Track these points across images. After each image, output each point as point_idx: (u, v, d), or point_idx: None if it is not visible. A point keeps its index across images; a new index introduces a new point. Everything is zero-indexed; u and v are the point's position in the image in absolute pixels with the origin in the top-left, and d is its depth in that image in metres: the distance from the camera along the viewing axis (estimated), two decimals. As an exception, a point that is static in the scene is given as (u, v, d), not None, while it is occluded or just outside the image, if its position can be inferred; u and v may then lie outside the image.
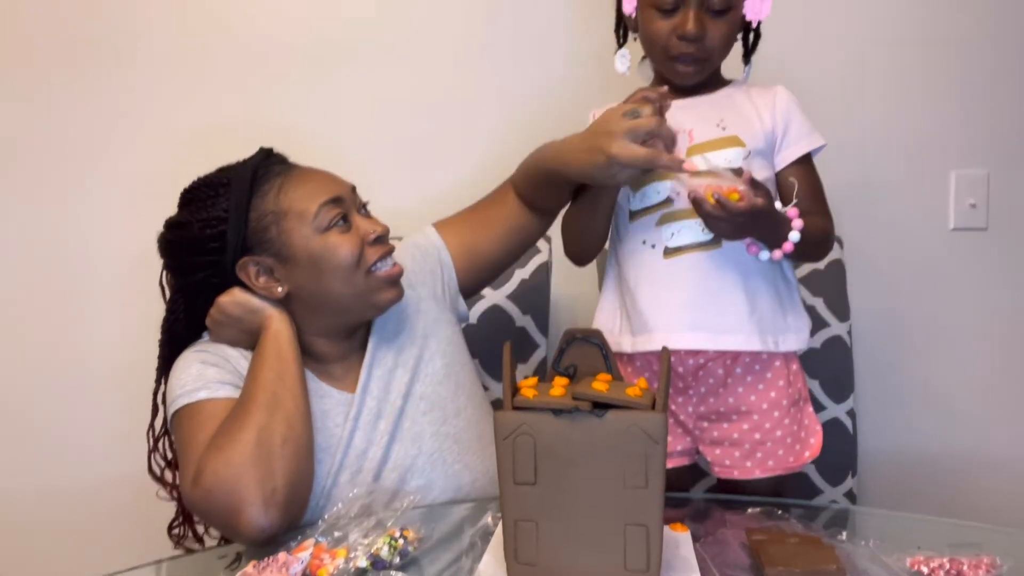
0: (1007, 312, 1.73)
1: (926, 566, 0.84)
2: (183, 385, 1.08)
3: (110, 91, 1.73)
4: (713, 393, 1.18)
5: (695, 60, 1.14)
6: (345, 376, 1.17)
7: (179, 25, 1.73)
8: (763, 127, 1.15)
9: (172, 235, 1.14)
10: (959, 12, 1.70)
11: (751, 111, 1.16)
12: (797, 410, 1.19)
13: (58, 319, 1.76)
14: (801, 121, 1.17)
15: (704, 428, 1.21)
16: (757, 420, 1.17)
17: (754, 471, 1.17)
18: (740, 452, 1.18)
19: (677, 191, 1.14)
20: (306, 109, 1.73)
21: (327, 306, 1.13)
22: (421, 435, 1.15)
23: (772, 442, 1.17)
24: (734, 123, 1.15)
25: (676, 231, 1.14)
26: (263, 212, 1.10)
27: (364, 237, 1.12)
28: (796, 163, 1.16)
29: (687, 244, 1.14)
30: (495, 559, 0.85)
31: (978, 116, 1.71)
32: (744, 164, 1.12)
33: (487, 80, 1.74)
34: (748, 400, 1.17)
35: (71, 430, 1.77)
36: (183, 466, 1.05)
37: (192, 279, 1.13)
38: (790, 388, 1.17)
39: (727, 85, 1.21)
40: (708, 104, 1.18)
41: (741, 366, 1.17)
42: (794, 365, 1.19)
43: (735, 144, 1.13)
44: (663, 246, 1.15)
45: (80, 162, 1.75)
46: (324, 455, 1.10)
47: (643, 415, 0.76)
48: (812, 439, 1.19)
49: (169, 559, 1.01)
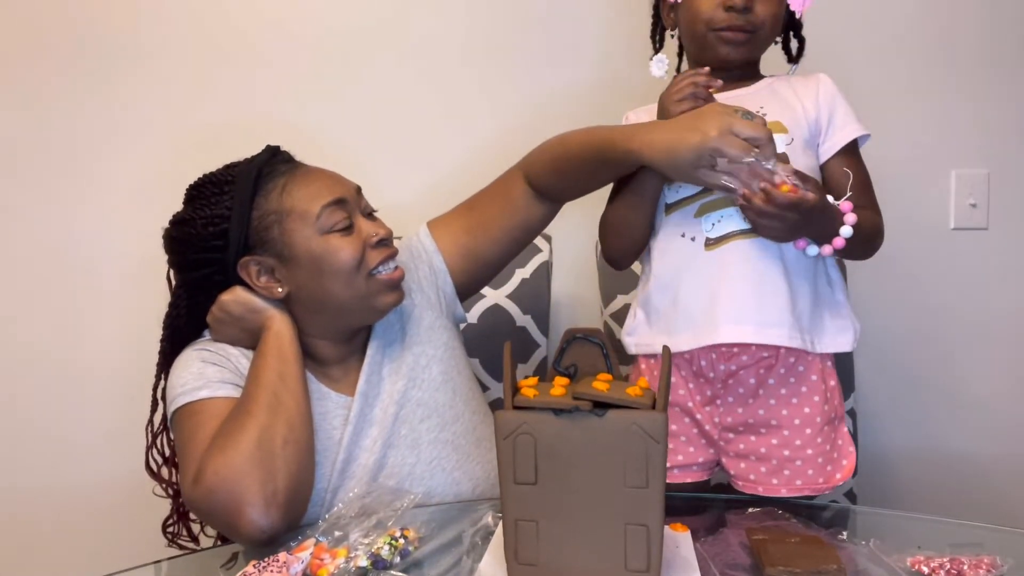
0: (1007, 312, 1.73)
1: (926, 566, 0.84)
2: (184, 383, 1.08)
3: (115, 93, 1.74)
4: (742, 403, 1.13)
5: (742, 31, 1.11)
6: (344, 379, 1.17)
7: (182, 28, 1.73)
8: (806, 115, 1.13)
9: (176, 231, 1.14)
10: (959, 12, 1.70)
11: (793, 99, 1.14)
12: (832, 429, 1.13)
13: (59, 319, 1.76)
14: (846, 109, 1.14)
15: (730, 440, 1.15)
16: (788, 436, 1.12)
17: (780, 489, 1.12)
18: (767, 468, 1.13)
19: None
20: (315, 109, 1.73)
21: (327, 308, 1.12)
22: (418, 442, 1.14)
23: (802, 460, 1.11)
24: (776, 110, 1.12)
25: (716, 220, 1.10)
26: (266, 211, 1.10)
27: (367, 240, 1.11)
28: (843, 153, 1.13)
29: (729, 232, 1.09)
30: (495, 559, 0.84)
31: (978, 116, 1.71)
32: (789, 149, 1.09)
33: (509, 80, 1.74)
34: (779, 414, 1.12)
35: (70, 430, 1.77)
36: (183, 465, 1.04)
37: (195, 275, 1.13)
38: (826, 405, 1.12)
39: (770, 77, 1.19)
40: (748, 94, 1.16)
41: (775, 376, 1.12)
42: (832, 380, 1.14)
43: (778, 130, 1.09)
44: (704, 237, 1.11)
45: (85, 163, 1.75)
46: (322, 458, 1.10)
47: (643, 414, 0.75)
48: (845, 460, 1.14)
49: (168, 559, 1.01)
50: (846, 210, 1.03)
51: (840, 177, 1.11)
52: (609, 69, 1.70)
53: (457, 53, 1.73)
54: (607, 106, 1.68)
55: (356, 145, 1.70)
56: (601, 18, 1.71)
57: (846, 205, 1.03)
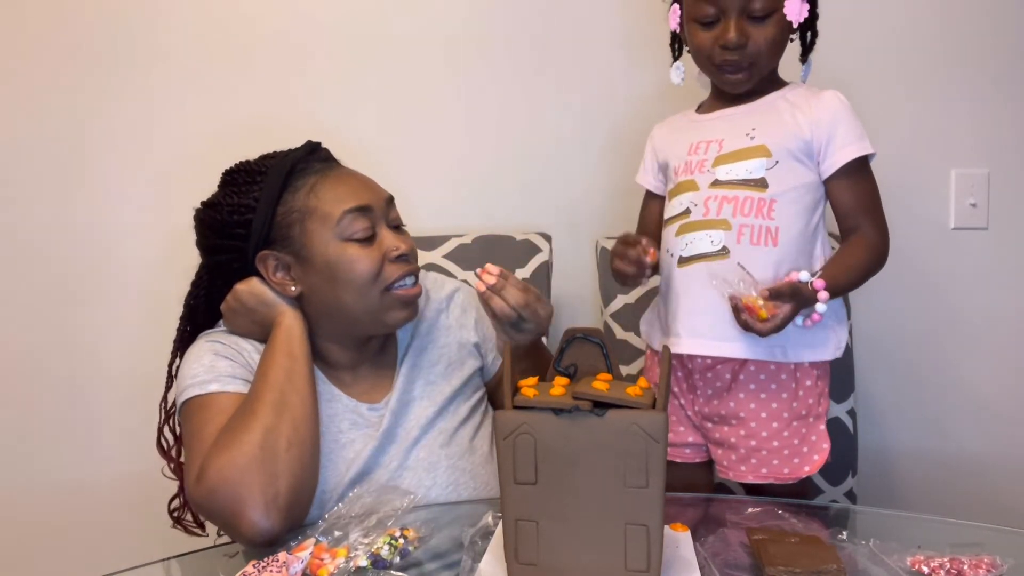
0: (1008, 312, 1.73)
1: (926, 566, 0.84)
2: (195, 375, 1.08)
3: (133, 93, 1.73)
4: (718, 396, 1.20)
5: (740, 68, 1.15)
6: (354, 383, 1.17)
7: (198, 28, 1.73)
8: (800, 134, 1.14)
9: (204, 214, 1.14)
10: (959, 12, 1.70)
11: (789, 118, 1.16)
12: (802, 424, 1.18)
13: (73, 318, 1.76)
14: (848, 128, 1.14)
15: (708, 428, 1.23)
16: (754, 428, 1.18)
17: (747, 476, 1.19)
18: (736, 456, 1.19)
19: (694, 202, 1.17)
20: (336, 110, 1.73)
21: (337, 314, 1.12)
22: (436, 465, 1.14)
23: (767, 451, 1.17)
24: (765, 131, 1.15)
25: (689, 241, 1.17)
26: (291, 208, 1.10)
27: (387, 253, 1.10)
28: (845, 172, 1.15)
29: (697, 254, 1.16)
30: (495, 559, 0.84)
31: (978, 116, 1.71)
32: (770, 173, 1.14)
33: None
34: (747, 407, 1.18)
35: (80, 427, 1.77)
36: (188, 460, 1.04)
37: (216, 259, 1.14)
38: (795, 402, 1.17)
39: (782, 88, 1.20)
40: (744, 113, 1.19)
41: (746, 373, 1.18)
42: (808, 381, 1.18)
43: (761, 154, 1.14)
44: (679, 255, 1.18)
45: (101, 162, 1.75)
46: (327, 460, 1.10)
47: (643, 414, 0.75)
48: (816, 455, 1.18)
49: (177, 556, 1.01)
50: (819, 287, 1.10)
51: (842, 198, 1.17)
52: (634, 69, 1.70)
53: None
54: (631, 103, 1.69)
55: (377, 147, 1.68)
56: (620, 22, 1.71)
57: (819, 283, 1.10)
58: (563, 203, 1.73)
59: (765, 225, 1.13)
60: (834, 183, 1.16)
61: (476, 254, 1.59)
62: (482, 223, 1.70)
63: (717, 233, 1.15)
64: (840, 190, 1.16)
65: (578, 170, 1.73)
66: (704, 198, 1.16)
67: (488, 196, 1.74)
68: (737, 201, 1.14)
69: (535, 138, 1.74)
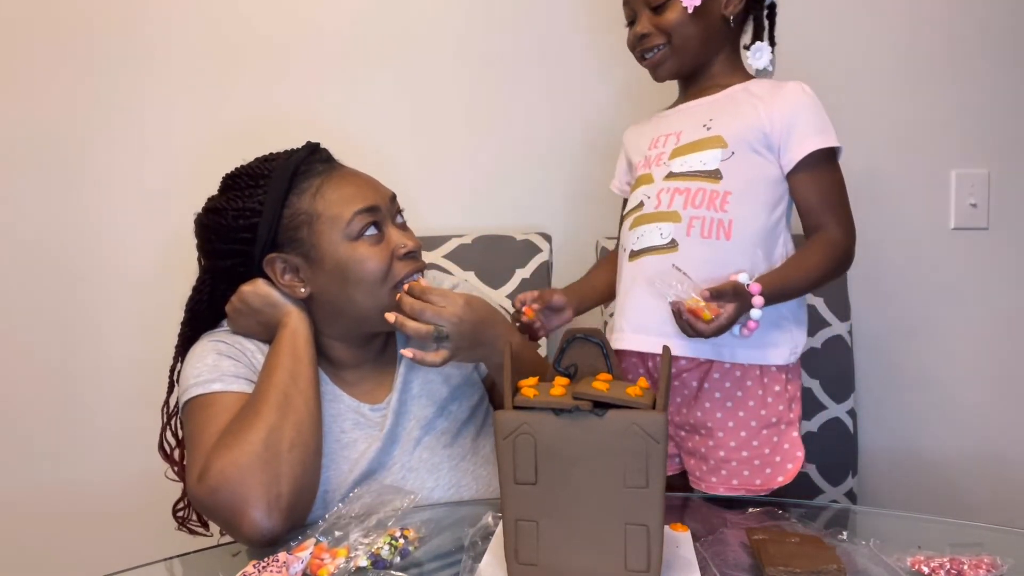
0: (1008, 312, 1.73)
1: (926, 566, 0.84)
2: (198, 374, 1.08)
3: (134, 93, 1.74)
4: (687, 404, 1.17)
5: (655, 57, 1.18)
6: (357, 383, 1.17)
7: (200, 29, 1.73)
8: (759, 125, 1.11)
9: (207, 219, 1.14)
10: (959, 12, 1.70)
11: (749, 109, 1.13)
12: (773, 432, 1.14)
13: (73, 319, 1.76)
14: (809, 120, 1.10)
15: (681, 437, 1.20)
16: (722, 438, 1.14)
17: (718, 487, 1.15)
18: (707, 467, 1.17)
19: (647, 195, 1.15)
20: (338, 110, 1.73)
21: (347, 314, 1.12)
22: (439, 466, 1.14)
23: (737, 462, 1.14)
24: (722, 123, 1.14)
25: (640, 235, 1.15)
26: (297, 211, 1.10)
27: (395, 250, 1.11)
28: (807, 166, 1.11)
29: (646, 247, 1.14)
30: (496, 559, 0.84)
31: (978, 116, 1.71)
32: (725, 165, 1.11)
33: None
34: (714, 417, 1.15)
35: (80, 427, 1.77)
36: (191, 460, 1.04)
37: (220, 264, 1.13)
38: (764, 410, 1.13)
39: (746, 81, 1.18)
40: (704, 105, 1.18)
41: (710, 381, 1.14)
42: (776, 386, 1.14)
43: (716, 145, 1.12)
44: (630, 249, 1.16)
45: (102, 163, 1.75)
46: (329, 460, 1.10)
47: (643, 414, 0.75)
48: (789, 464, 1.14)
49: (178, 556, 1.01)
50: (754, 292, 1.03)
51: (803, 194, 1.12)
52: (636, 70, 1.70)
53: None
54: (632, 103, 1.69)
55: (378, 147, 1.69)
56: (621, 22, 1.71)
57: (755, 287, 1.03)
58: (563, 203, 1.73)
59: (717, 218, 1.09)
60: (795, 178, 1.11)
61: (476, 254, 1.59)
62: (482, 223, 1.71)
63: (667, 226, 1.12)
64: (802, 185, 1.11)
65: (578, 170, 1.73)
66: (657, 191, 1.14)
67: (488, 196, 1.75)
68: (689, 193, 1.11)
69: (536, 138, 1.74)
